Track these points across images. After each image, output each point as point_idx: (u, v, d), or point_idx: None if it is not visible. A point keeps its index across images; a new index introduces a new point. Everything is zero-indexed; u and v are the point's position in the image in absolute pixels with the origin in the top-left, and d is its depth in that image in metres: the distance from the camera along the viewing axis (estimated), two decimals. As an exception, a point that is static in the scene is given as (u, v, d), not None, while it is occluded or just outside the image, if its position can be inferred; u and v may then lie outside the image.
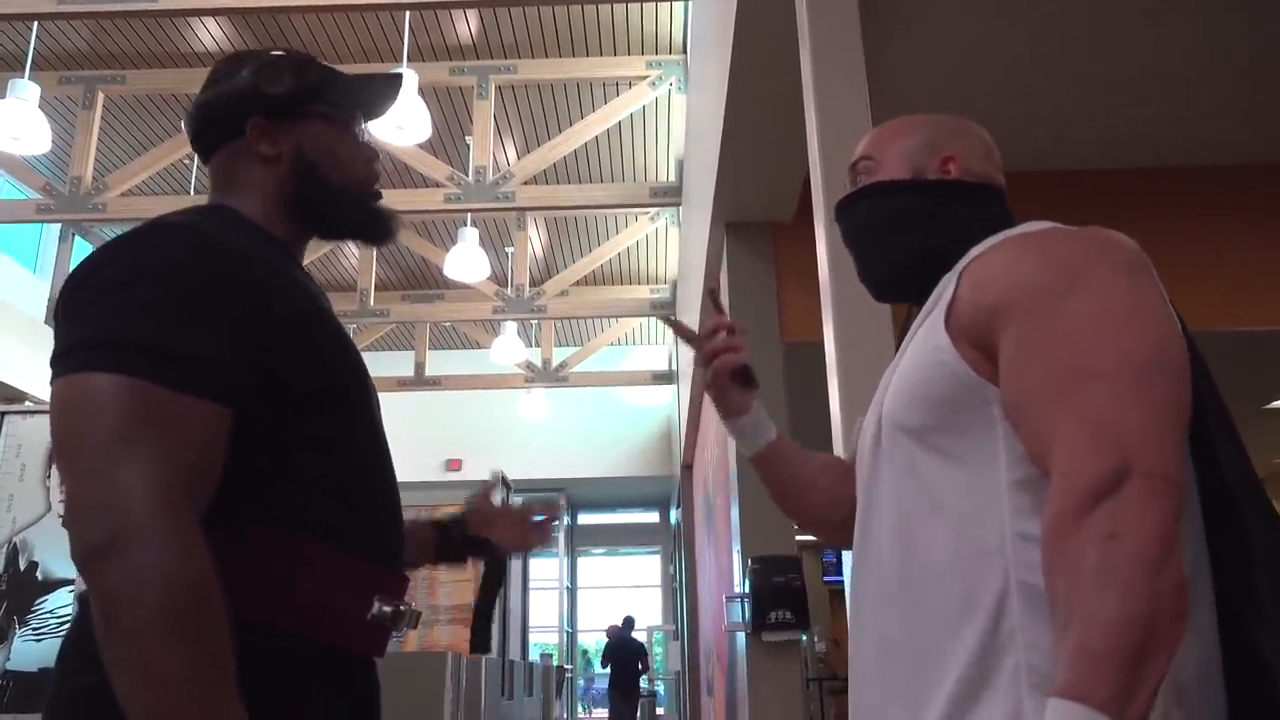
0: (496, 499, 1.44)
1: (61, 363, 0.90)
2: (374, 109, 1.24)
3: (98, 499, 0.83)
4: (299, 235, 1.16)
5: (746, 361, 1.32)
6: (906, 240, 1.14)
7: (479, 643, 1.37)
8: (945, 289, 1.04)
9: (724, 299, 4.64)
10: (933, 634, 0.95)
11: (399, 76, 1.27)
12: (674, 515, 12.34)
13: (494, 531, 1.38)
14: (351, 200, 1.17)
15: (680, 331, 1.41)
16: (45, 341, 1.03)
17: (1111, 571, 0.78)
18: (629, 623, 11.88)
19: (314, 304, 1.06)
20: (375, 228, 1.21)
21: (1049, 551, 0.83)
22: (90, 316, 0.91)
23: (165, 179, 7.25)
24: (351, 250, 8.62)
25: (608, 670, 11.74)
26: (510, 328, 8.55)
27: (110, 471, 0.84)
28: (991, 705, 0.90)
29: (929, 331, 1.02)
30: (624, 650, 11.64)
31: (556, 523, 1.49)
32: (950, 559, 0.95)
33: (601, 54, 6.15)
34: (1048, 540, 0.84)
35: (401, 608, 1.04)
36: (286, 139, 1.12)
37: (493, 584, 1.37)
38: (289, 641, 0.95)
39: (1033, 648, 0.89)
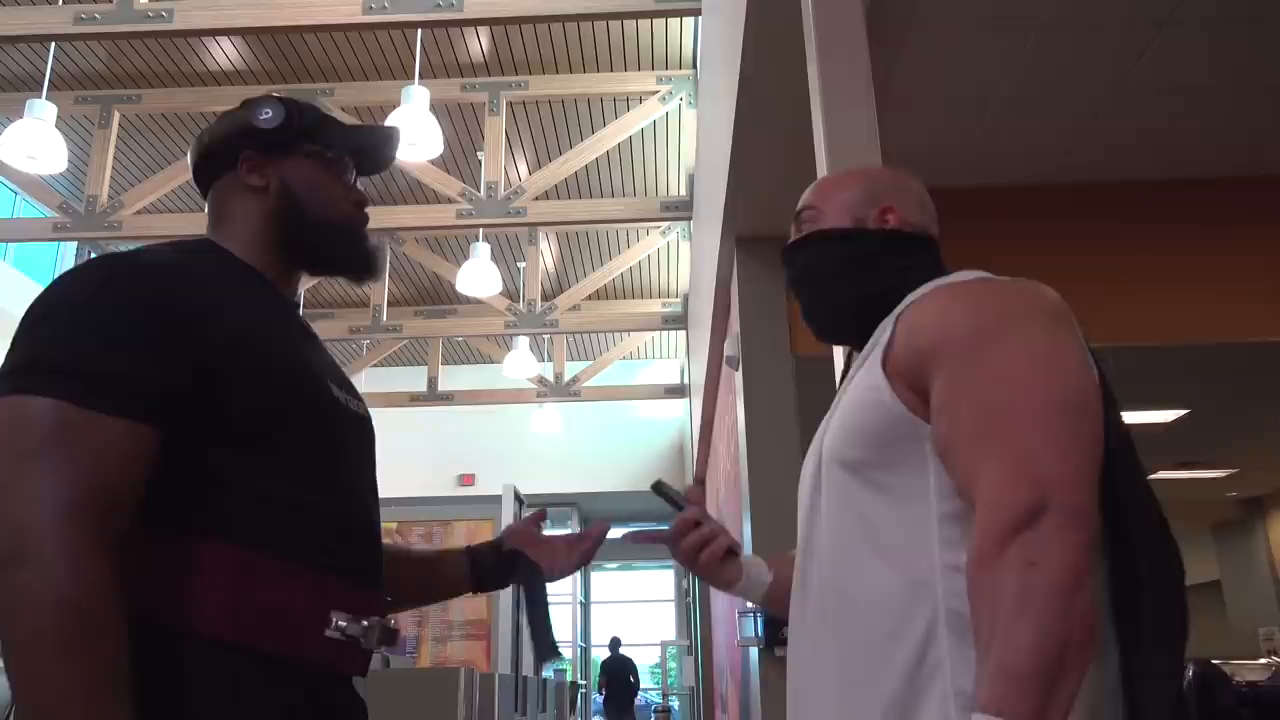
0: (543, 530, 1.41)
1: None
2: (369, 159, 1.28)
3: (1, 515, 0.87)
4: (285, 267, 1.19)
5: (727, 544, 1.34)
6: (847, 285, 1.20)
7: (544, 651, 1.36)
8: (883, 333, 1.10)
9: (734, 312, 4.64)
10: (866, 658, 1.01)
11: (395, 131, 1.31)
12: (687, 529, 12.31)
13: (535, 555, 1.37)
14: (333, 235, 1.20)
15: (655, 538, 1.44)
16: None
17: (1030, 598, 0.85)
18: (616, 643, 12.03)
19: (258, 326, 1.07)
20: (357, 264, 1.24)
21: (973, 578, 0.90)
22: (21, 345, 0.96)
23: (180, 197, 7.32)
24: (364, 266, 8.67)
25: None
26: (522, 342, 8.57)
27: (15, 489, 0.87)
28: None
29: (868, 372, 1.09)
30: (617, 669, 11.80)
31: (604, 533, 1.47)
32: (883, 587, 1.02)
33: (612, 70, 6.19)
34: (971, 568, 0.91)
35: (366, 623, 1.04)
36: (275, 172, 1.17)
37: (540, 594, 1.35)
38: (235, 653, 0.95)
39: (960, 672, 0.95)
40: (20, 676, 0.84)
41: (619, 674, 11.82)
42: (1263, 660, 7.18)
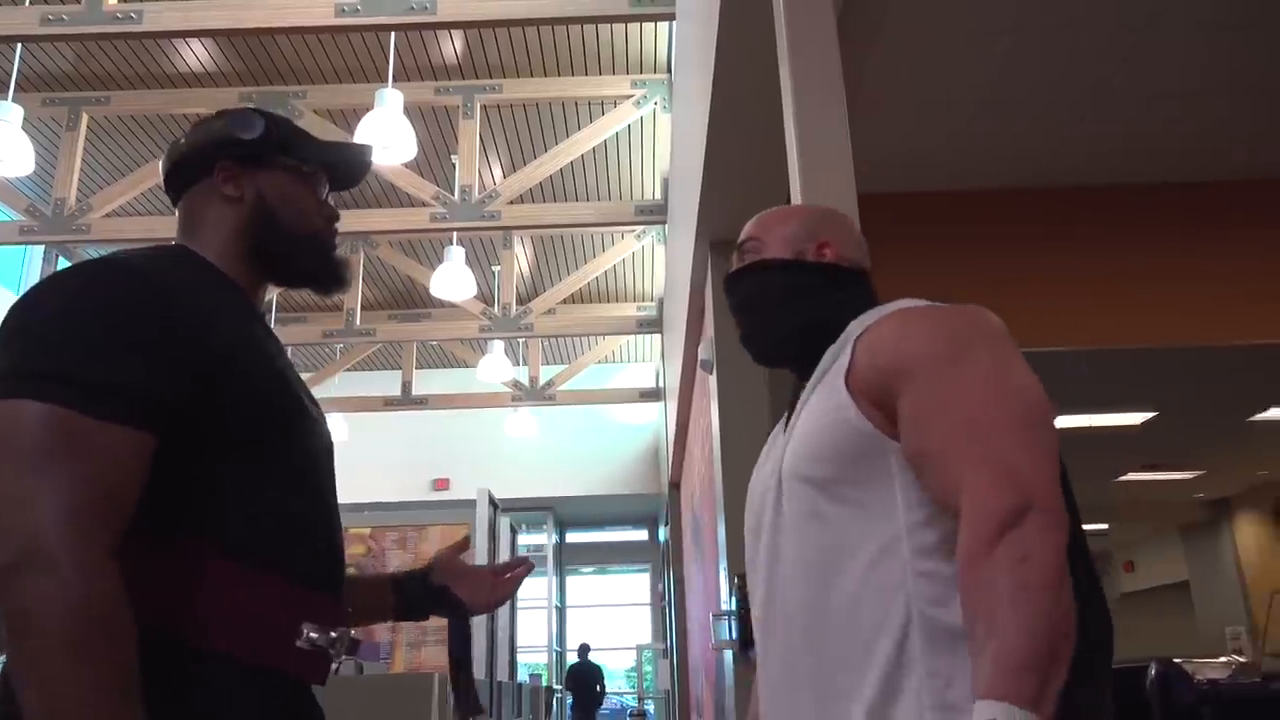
0: (466, 560, 1.43)
1: None
2: (342, 175, 1.30)
3: (10, 521, 0.87)
4: (255, 277, 1.20)
5: None
6: (788, 313, 1.28)
7: (466, 705, 1.31)
8: (840, 355, 1.16)
9: (709, 316, 4.65)
10: (841, 663, 1.06)
11: (369, 149, 1.34)
12: (662, 533, 12.31)
13: (460, 588, 1.37)
14: (305, 247, 1.22)
15: None
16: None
17: (1023, 590, 0.90)
18: (585, 649, 12.12)
19: (244, 335, 1.08)
20: (327, 276, 1.25)
21: (965, 575, 0.96)
22: (15, 349, 0.95)
23: (149, 200, 7.24)
24: (337, 270, 8.60)
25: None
26: (497, 346, 8.54)
27: (23, 495, 0.87)
28: None
29: (827, 393, 1.14)
30: (583, 674, 11.89)
31: (528, 572, 1.49)
32: (856, 595, 1.07)
33: (586, 74, 6.18)
34: (964, 566, 0.96)
35: (334, 634, 1.05)
36: (250, 184, 1.18)
37: (461, 641, 1.33)
38: (214, 660, 0.96)
39: (933, 672, 1.00)
40: (31, 682, 0.84)
41: (584, 679, 11.88)
42: (1223, 659, 7.27)
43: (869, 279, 1.32)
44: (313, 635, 1.03)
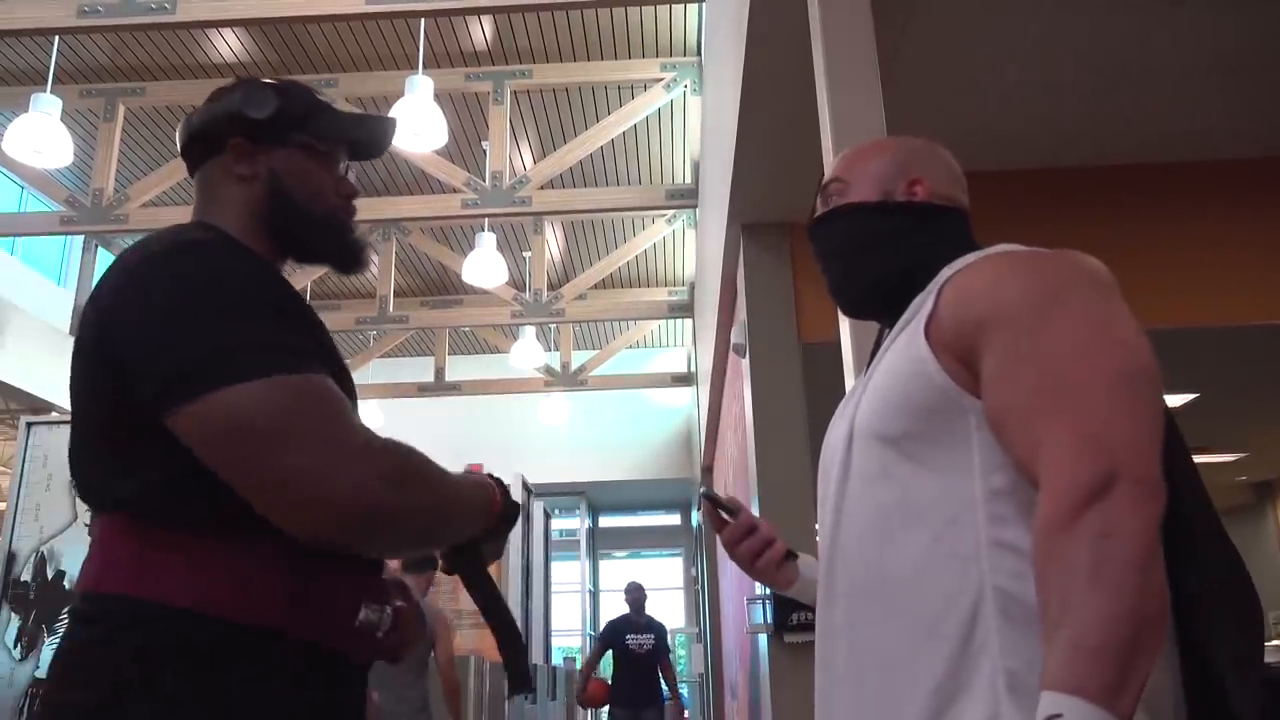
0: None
1: (199, 381, 0.92)
2: (363, 148, 1.26)
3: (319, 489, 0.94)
4: (274, 254, 1.18)
5: (783, 550, 1.37)
6: (877, 260, 1.18)
7: (518, 676, 1.20)
8: (923, 304, 1.07)
9: (741, 299, 4.63)
10: (907, 637, 0.98)
11: (392, 121, 1.29)
12: (695, 517, 12.32)
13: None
14: (319, 227, 1.19)
15: (715, 522, 1.44)
16: (70, 352, 1.05)
17: (1104, 570, 0.81)
18: (638, 594, 12.02)
19: (310, 308, 1.12)
20: (343, 255, 1.23)
21: (1041, 550, 0.86)
22: (186, 342, 0.94)
23: (185, 189, 7.32)
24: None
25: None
26: (529, 332, 8.57)
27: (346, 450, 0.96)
28: (969, 708, 0.92)
29: (907, 344, 1.06)
30: (634, 647, 11.76)
31: None
32: (925, 564, 0.98)
33: (616, 57, 6.16)
34: (1040, 540, 0.87)
35: (382, 610, 1.05)
36: (264, 162, 1.15)
37: (498, 606, 1.19)
38: (300, 646, 0.97)
39: (1009, 652, 0.91)
40: None
41: (637, 660, 11.76)
42: (1275, 642, 7.16)
43: (966, 218, 1.21)
44: (367, 613, 1.03)
